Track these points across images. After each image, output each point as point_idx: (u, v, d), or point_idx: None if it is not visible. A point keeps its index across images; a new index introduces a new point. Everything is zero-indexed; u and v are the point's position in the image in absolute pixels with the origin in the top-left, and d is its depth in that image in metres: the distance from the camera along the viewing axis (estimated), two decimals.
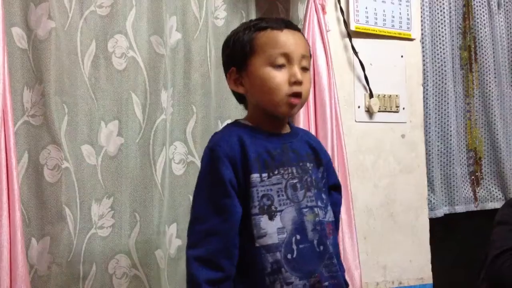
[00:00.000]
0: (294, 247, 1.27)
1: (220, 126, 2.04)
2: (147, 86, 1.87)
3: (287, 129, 1.41)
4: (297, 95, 1.31)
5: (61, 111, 1.74)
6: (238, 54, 1.34)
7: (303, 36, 1.40)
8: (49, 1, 1.72)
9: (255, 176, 1.27)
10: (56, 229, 1.70)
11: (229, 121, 2.03)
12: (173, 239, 1.90)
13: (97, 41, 1.82)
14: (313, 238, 1.30)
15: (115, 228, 1.80)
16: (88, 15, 1.81)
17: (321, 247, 1.30)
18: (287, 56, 1.30)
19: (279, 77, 1.29)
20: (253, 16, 2.10)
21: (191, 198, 1.90)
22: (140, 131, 1.86)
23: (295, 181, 1.32)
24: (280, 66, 1.30)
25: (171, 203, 1.90)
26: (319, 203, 1.34)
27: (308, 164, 1.37)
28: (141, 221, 1.83)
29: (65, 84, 1.75)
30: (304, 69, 1.33)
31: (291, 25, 1.38)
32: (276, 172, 1.30)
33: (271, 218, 1.27)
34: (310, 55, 1.40)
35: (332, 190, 1.46)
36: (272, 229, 1.26)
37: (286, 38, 1.32)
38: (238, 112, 2.05)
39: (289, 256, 1.26)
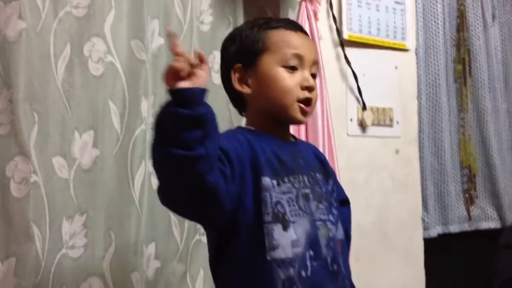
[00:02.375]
0: (308, 263, 1.14)
1: None
2: (126, 93, 1.74)
3: (291, 138, 1.33)
4: (308, 101, 1.23)
5: (30, 120, 1.59)
6: (247, 50, 1.25)
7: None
8: (20, 0, 1.58)
9: (268, 180, 1.15)
10: (22, 249, 1.55)
11: None
12: (151, 260, 1.76)
13: (72, 44, 1.68)
14: (327, 255, 1.18)
15: (87, 248, 1.65)
16: (62, 16, 1.68)
17: (335, 266, 1.19)
18: (300, 58, 1.23)
19: (291, 79, 1.22)
20: (241, 22, 1.98)
21: (171, 215, 1.81)
22: (117, 142, 1.72)
23: (307, 191, 1.20)
24: (292, 68, 1.22)
25: (150, 221, 1.76)
26: (331, 218, 1.23)
27: (318, 175, 1.26)
28: (116, 241, 1.69)
29: (35, 90, 1.61)
30: (314, 76, 1.26)
31: (302, 29, 1.32)
32: (286, 180, 1.18)
33: (285, 228, 1.14)
34: None
35: (341, 205, 1.35)
36: (286, 241, 1.14)
37: (300, 40, 1.26)
38: (224, 123, 1.93)
39: (303, 273, 1.14)
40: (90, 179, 1.68)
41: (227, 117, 1.94)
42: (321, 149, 1.91)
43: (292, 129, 1.86)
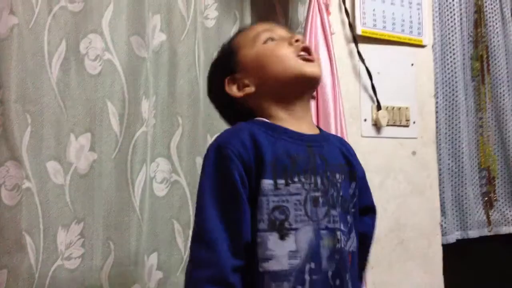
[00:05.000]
0: (307, 277, 1.03)
1: (210, 141, 1.81)
2: (126, 93, 1.65)
3: (314, 130, 1.18)
4: (306, 49, 1.15)
5: (23, 122, 1.51)
6: (226, 61, 1.20)
7: None
8: None
9: (267, 183, 1.04)
10: (14, 261, 1.47)
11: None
12: (153, 271, 1.67)
13: (68, 41, 1.60)
14: (328, 269, 1.05)
15: (85, 259, 1.57)
16: (57, 11, 1.59)
17: (337, 281, 1.06)
18: (272, 32, 1.19)
19: (277, 45, 1.16)
20: (247, 17, 1.89)
21: (175, 223, 1.71)
22: (116, 145, 1.63)
23: (317, 194, 1.07)
24: (271, 39, 1.17)
25: (152, 229, 1.68)
26: (342, 227, 1.09)
27: (337, 176, 1.12)
28: (115, 250, 1.61)
29: (28, 90, 1.53)
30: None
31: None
32: (296, 180, 1.06)
33: (282, 237, 1.03)
34: None
35: (363, 214, 1.23)
36: (282, 251, 1.02)
37: (264, 25, 1.23)
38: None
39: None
40: (87, 185, 1.60)
41: None
42: None
43: None
